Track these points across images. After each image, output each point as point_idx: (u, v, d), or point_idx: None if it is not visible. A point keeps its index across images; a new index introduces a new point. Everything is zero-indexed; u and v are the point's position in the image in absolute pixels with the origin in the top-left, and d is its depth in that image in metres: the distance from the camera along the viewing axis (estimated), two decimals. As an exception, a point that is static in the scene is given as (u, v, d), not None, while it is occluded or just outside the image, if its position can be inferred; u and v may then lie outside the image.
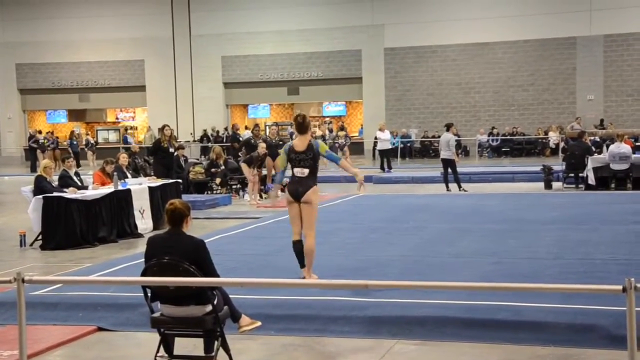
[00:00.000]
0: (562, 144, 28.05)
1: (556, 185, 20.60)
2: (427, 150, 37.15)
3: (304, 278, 8.69)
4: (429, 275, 8.98)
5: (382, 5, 38.06)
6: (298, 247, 8.96)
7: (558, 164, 22.15)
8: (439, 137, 23.66)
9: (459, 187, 20.06)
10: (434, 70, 37.81)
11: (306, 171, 8.90)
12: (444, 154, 20.30)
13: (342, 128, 33.40)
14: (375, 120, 35.98)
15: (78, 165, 30.27)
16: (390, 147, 28.52)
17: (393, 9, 37.89)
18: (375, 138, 29.69)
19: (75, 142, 34.53)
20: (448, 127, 20.77)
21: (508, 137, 36.58)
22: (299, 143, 8.95)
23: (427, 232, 12.74)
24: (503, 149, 36.36)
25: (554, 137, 34.31)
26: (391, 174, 26.50)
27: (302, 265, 8.91)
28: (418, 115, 38.42)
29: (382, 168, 27.38)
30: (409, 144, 37.18)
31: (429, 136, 37.15)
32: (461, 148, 34.02)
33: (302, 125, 8.93)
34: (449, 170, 20.34)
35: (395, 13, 37.83)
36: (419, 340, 6.88)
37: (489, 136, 36.64)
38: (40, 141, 34.69)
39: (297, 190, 8.90)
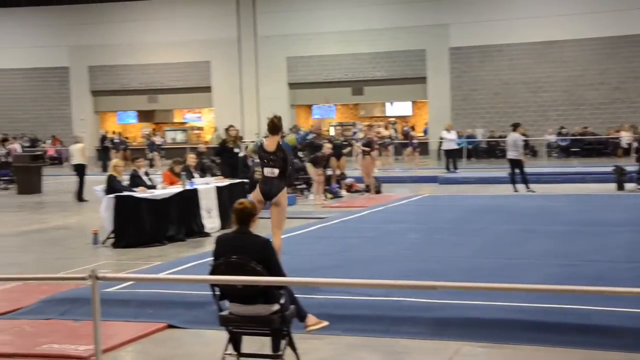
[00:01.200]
0: (635, 144, 27.49)
1: (629, 186, 20.13)
2: (493, 150, 36.73)
3: None
4: (496, 277, 8.81)
5: (447, 4, 37.86)
6: None
7: (631, 165, 21.68)
8: (506, 137, 23.48)
9: (527, 187, 19.83)
10: (500, 69, 37.40)
11: (276, 171, 9.08)
12: (511, 154, 20.10)
13: (412, 128, 33.50)
14: (440, 120, 35.81)
15: (151, 166, 30.85)
16: (456, 147, 28.35)
17: (458, 8, 37.66)
18: (441, 138, 29.57)
19: (149, 142, 35.09)
20: (515, 127, 20.58)
21: (578, 137, 35.89)
22: (269, 143, 9.16)
23: (494, 233, 12.60)
24: (572, 149, 35.67)
25: (626, 137, 33.52)
26: (457, 174, 26.38)
27: None
28: (484, 115, 38.08)
29: (447, 168, 27.29)
30: (473, 145, 36.81)
31: (496, 136, 36.75)
32: (528, 148, 33.56)
33: (276, 127, 9.14)
34: (517, 170, 20.13)
35: (461, 12, 37.59)
36: (486, 343, 6.82)
37: (557, 136, 36.07)
38: (115, 140, 35.44)
39: (270, 190, 9.08)
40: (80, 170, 21.14)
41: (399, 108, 42.00)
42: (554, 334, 6.78)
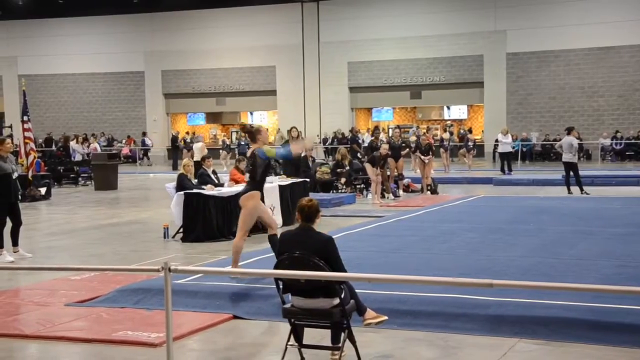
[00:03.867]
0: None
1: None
2: (547, 153, 36.57)
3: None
4: (551, 276, 8.85)
5: (505, 11, 37.82)
6: (272, 240, 9.23)
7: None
8: (560, 140, 23.48)
9: (581, 190, 19.81)
10: (556, 74, 37.24)
11: (247, 176, 9.55)
12: (565, 157, 20.10)
13: (470, 131, 33.60)
14: (496, 123, 35.85)
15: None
16: (511, 150, 28.43)
17: (516, 14, 37.57)
18: (496, 141, 29.64)
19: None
20: (569, 130, 20.59)
21: (633, 140, 35.54)
22: (249, 151, 9.56)
23: (549, 233, 12.54)
24: (627, 153, 35.37)
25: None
26: (511, 176, 26.39)
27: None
28: (539, 119, 37.94)
29: (502, 170, 27.40)
30: (528, 148, 36.66)
31: (550, 140, 36.54)
32: (583, 151, 33.33)
33: (251, 134, 9.47)
34: (571, 173, 20.11)
35: (518, 19, 37.49)
36: (541, 340, 6.85)
37: (612, 140, 35.75)
38: (187, 140, 36.26)
39: (242, 192, 9.43)
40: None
41: (455, 111, 42.07)
42: (609, 333, 6.80)
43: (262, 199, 9.38)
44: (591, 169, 27.80)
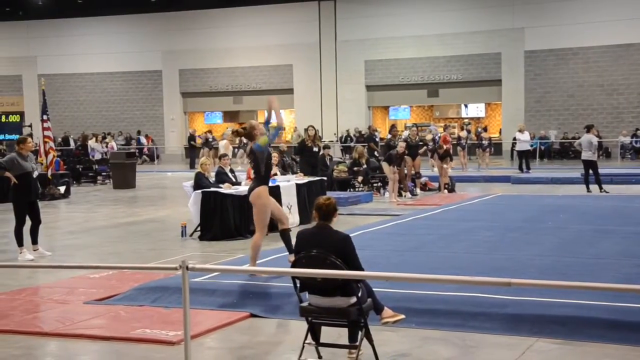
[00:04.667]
0: None
1: None
2: (566, 151, 36.40)
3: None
4: (570, 275, 8.84)
5: (523, 8, 37.69)
6: (284, 234, 9.51)
7: None
8: (579, 138, 23.38)
9: (600, 188, 19.71)
10: (575, 72, 37.07)
11: (251, 172, 9.61)
12: (585, 155, 20.00)
13: (485, 129, 33.51)
14: (513, 121, 35.74)
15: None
16: (529, 148, 28.33)
17: (533, 12, 37.43)
18: (514, 139, 29.56)
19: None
20: (588, 128, 20.52)
21: (653, 138, 35.38)
22: (247, 148, 9.64)
23: (567, 232, 12.53)
24: (647, 151, 35.20)
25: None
26: (530, 174, 26.30)
27: (290, 252, 9.11)
28: (557, 117, 37.77)
29: (520, 168, 27.31)
30: (546, 146, 36.52)
31: (569, 137, 36.38)
32: (602, 149, 33.15)
33: (248, 135, 9.47)
34: (590, 171, 20.02)
35: (536, 16, 37.35)
36: (560, 340, 6.83)
37: (632, 138, 35.53)
38: (208, 139, 36.39)
39: (249, 190, 9.44)
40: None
41: (473, 110, 42.00)
42: (628, 333, 6.78)
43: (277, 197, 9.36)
44: (610, 167, 27.69)
